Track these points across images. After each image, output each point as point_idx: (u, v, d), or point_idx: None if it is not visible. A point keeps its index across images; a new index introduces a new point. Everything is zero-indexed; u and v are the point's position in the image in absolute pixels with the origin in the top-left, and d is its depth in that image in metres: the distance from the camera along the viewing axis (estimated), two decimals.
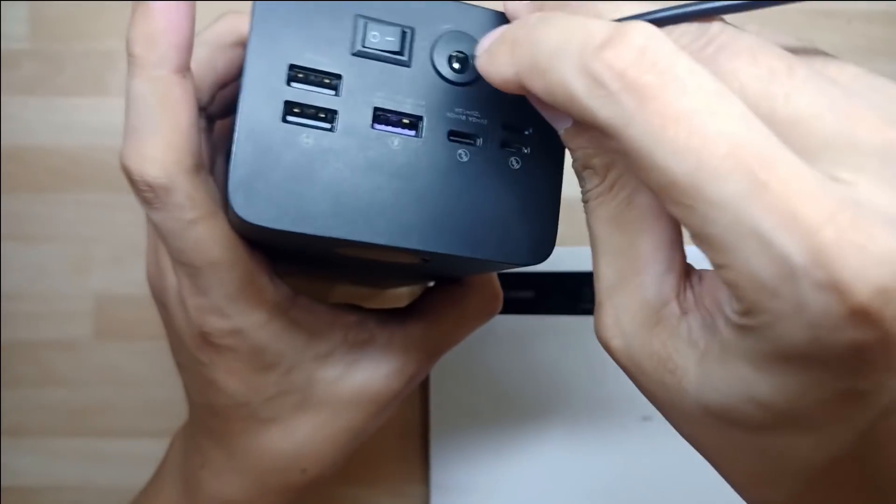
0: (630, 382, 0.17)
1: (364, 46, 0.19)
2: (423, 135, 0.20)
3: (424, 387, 0.36)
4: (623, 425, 0.34)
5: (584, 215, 0.37)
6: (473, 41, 0.20)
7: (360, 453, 0.36)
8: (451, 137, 0.20)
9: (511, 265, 0.21)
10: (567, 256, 0.34)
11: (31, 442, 0.36)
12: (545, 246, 0.21)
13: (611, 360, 0.37)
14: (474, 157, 0.20)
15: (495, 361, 0.34)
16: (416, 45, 0.20)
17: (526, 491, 0.34)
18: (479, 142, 0.20)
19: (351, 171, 0.19)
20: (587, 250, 0.37)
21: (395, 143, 0.19)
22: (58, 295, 0.36)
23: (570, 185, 0.39)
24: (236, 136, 0.18)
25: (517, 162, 0.20)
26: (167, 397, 0.36)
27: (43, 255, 0.36)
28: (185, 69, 0.20)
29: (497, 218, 0.20)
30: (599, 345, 0.18)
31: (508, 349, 0.34)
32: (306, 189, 0.19)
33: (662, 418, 0.37)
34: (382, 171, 0.19)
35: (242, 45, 0.20)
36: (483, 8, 0.20)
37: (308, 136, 0.19)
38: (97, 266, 0.36)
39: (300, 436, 0.24)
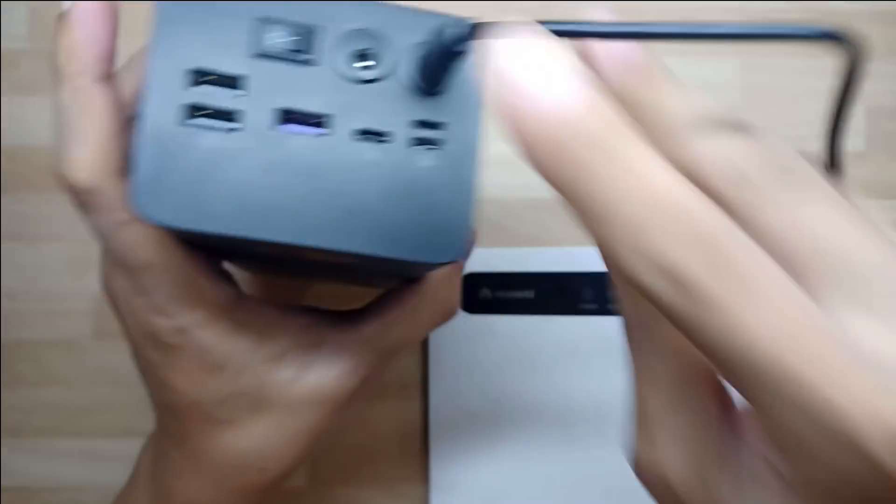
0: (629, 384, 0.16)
1: (266, 47, 0.19)
2: (330, 133, 0.20)
3: (424, 387, 0.36)
4: (622, 425, 0.34)
5: None
6: (380, 37, 0.20)
7: (359, 453, 0.36)
8: (360, 135, 0.20)
9: (423, 265, 0.21)
10: (567, 257, 0.34)
11: (31, 442, 0.36)
12: (458, 244, 0.20)
13: (612, 361, 0.37)
14: (384, 154, 0.20)
15: (495, 362, 0.34)
16: (320, 44, 0.20)
17: (525, 491, 0.34)
18: (389, 139, 0.20)
19: (255, 171, 0.19)
20: (587, 251, 0.37)
21: (301, 142, 0.19)
22: (57, 295, 0.36)
23: None
24: (139, 138, 0.19)
25: (429, 158, 0.20)
26: None
27: (42, 255, 0.36)
28: (106, 78, 0.21)
29: (407, 216, 0.20)
30: (599, 348, 0.17)
31: (508, 349, 0.34)
32: (209, 189, 0.19)
33: None
34: (287, 171, 0.19)
35: None
36: (389, 5, 0.20)
37: (211, 138, 0.19)
38: (97, 266, 0.35)
39: (256, 436, 0.24)
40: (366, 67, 0.20)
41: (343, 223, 0.20)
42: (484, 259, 0.34)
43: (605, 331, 0.34)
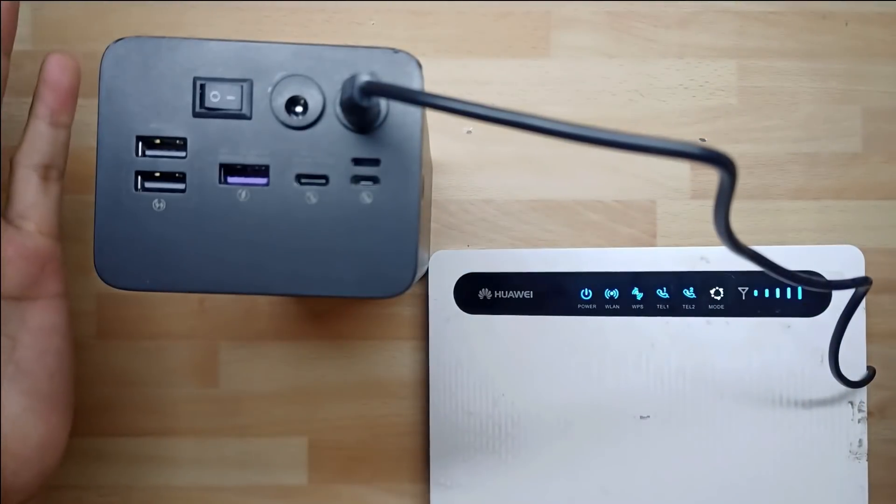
0: (627, 382, 0.17)
1: (204, 107, 0.20)
2: (271, 182, 0.21)
3: (424, 385, 0.36)
4: (620, 424, 0.34)
5: (580, 216, 0.38)
6: (310, 82, 0.20)
7: (359, 452, 0.36)
8: (301, 181, 0.21)
9: (370, 298, 0.22)
10: (565, 257, 0.35)
11: None
12: (403, 276, 0.21)
13: (609, 360, 0.37)
14: (324, 197, 0.21)
15: (494, 361, 0.35)
16: (254, 96, 0.21)
17: (524, 489, 0.35)
18: (329, 181, 0.21)
19: (203, 227, 0.21)
20: (586, 251, 0.37)
21: (244, 194, 0.21)
22: None
23: (567, 188, 0.39)
24: (96, 209, 0.20)
25: (369, 196, 0.21)
26: (169, 396, 0.36)
27: None
28: None
29: (351, 254, 0.21)
30: (597, 348, 0.18)
31: (507, 349, 0.35)
32: (164, 250, 0.21)
33: (660, 417, 0.37)
34: (232, 223, 0.21)
35: None
36: (315, 46, 0.21)
37: (160, 202, 0.21)
38: None
39: None
40: (298, 113, 0.21)
41: (289, 269, 0.21)
42: (483, 259, 0.35)
43: (603, 331, 0.34)
